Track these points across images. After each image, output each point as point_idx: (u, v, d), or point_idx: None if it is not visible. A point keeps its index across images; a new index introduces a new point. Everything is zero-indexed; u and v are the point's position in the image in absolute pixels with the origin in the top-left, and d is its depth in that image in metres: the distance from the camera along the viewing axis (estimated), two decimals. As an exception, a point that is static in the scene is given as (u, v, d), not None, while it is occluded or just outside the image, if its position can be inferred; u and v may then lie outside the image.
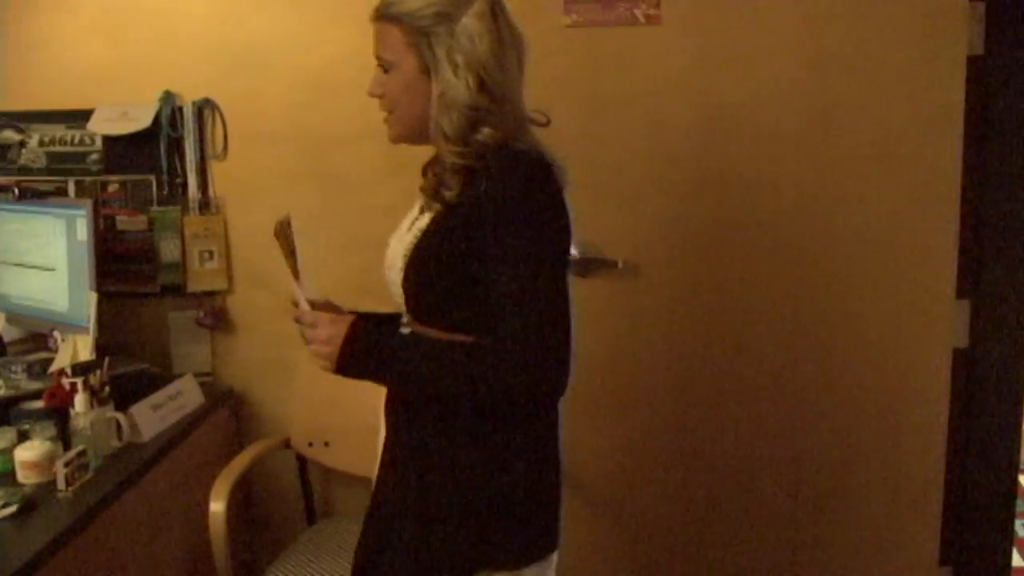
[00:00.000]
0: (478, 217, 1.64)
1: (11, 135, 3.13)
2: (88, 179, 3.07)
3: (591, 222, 2.80)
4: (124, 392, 2.53)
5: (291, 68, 2.93)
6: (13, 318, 3.01)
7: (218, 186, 3.03)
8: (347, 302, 2.95)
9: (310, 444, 2.98)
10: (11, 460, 2.23)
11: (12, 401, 2.50)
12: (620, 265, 2.82)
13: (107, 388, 2.42)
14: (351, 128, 2.93)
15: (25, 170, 3.13)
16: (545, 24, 2.77)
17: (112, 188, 3.06)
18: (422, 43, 1.69)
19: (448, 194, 1.70)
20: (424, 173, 1.85)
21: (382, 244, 2.96)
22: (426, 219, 1.77)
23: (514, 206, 1.62)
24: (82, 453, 2.24)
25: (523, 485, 1.73)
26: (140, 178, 3.02)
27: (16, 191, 2.94)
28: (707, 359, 2.88)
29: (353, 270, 2.95)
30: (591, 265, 2.83)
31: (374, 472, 1.93)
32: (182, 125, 3.01)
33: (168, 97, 2.99)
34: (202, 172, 3.02)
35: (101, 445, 2.35)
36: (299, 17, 2.95)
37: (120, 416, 2.41)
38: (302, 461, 3.02)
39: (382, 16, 1.75)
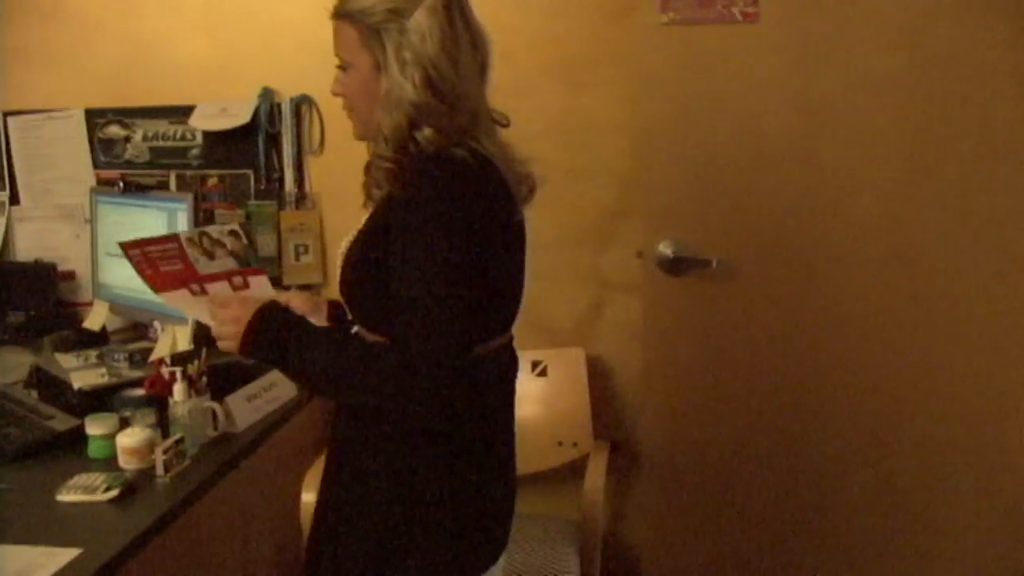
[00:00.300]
0: (390, 219, 1.63)
1: (117, 131, 3.22)
2: (189, 173, 3.15)
3: (685, 221, 2.79)
4: (220, 382, 2.58)
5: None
6: (116, 308, 3.09)
7: (314, 181, 3.08)
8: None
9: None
10: (113, 446, 2.30)
11: (114, 388, 2.57)
12: (714, 265, 2.78)
13: (204, 378, 2.47)
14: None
15: (129, 164, 3.22)
16: (639, 22, 2.76)
17: (211, 182, 3.13)
18: (374, 41, 1.67)
19: (377, 193, 1.70)
20: (366, 170, 1.80)
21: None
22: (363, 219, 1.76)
23: (417, 209, 1.59)
24: (180, 441, 2.29)
25: (437, 503, 1.70)
26: (238, 173, 3.09)
27: (121, 184, 3.03)
28: (800, 361, 2.84)
29: (446, 266, 2.99)
30: (684, 264, 2.80)
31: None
32: (280, 121, 3.07)
33: (267, 94, 3.05)
34: (298, 167, 3.08)
35: (198, 433, 2.39)
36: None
37: (216, 406, 2.46)
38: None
39: (338, 15, 1.74)
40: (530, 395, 3.01)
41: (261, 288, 1.90)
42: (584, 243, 3.00)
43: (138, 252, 2.03)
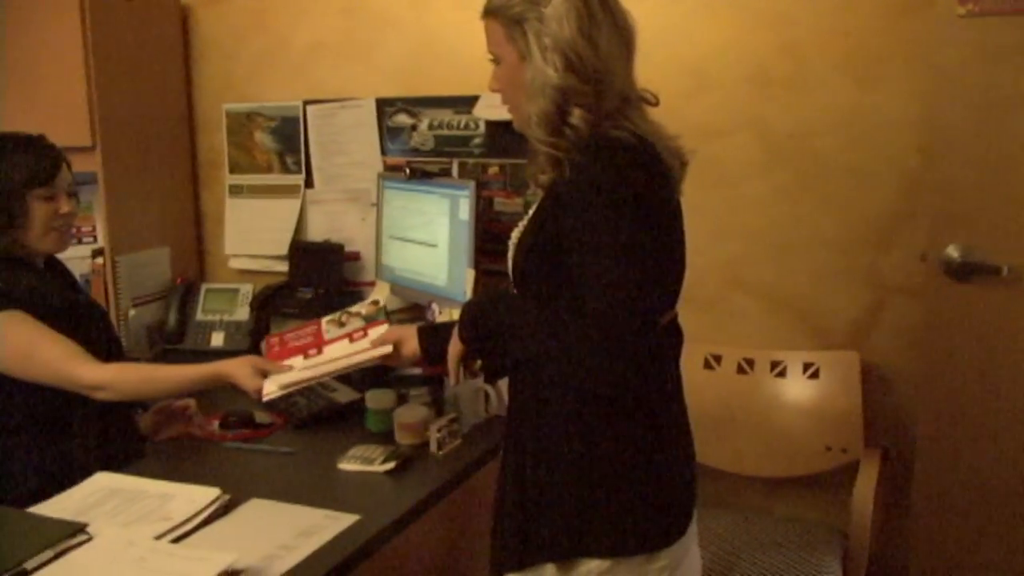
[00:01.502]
0: (562, 204, 1.66)
1: (404, 119, 3.35)
2: (471, 162, 3.24)
3: (975, 225, 2.62)
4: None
5: (668, 58, 2.94)
6: (396, 289, 3.21)
7: (590, 174, 3.10)
8: (714, 294, 2.98)
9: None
10: (391, 420, 2.39)
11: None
12: (1005, 272, 2.60)
13: (478, 361, 2.53)
14: (727, 119, 2.91)
15: (415, 151, 3.35)
16: (935, 14, 2.62)
17: (492, 171, 3.20)
18: (517, 32, 1.73)
19: (542, 178, 1.73)
20: (529, 158, 1.82)
21: (751, 237, 2.95)
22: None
23: (590, 191, 1.63)
24: (454, 420, 2.36)
25: (621, 478, 1.71)
26: (519, 162, 3.14)
27: (407, 171, 3.15)
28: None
29: (720, 262, 2.95)
30: (972, 270, 2.64)
31: (724, 461, 1.91)
32: (559, 114, 3.10)
33: (547, 88, 3.09)
34: (575, 162, 3.10)
35: (470, 414, 2.46)
36: (676, 6, 2.96)
37: (489, 388, 2.52)
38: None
39: (486, 13, 1.79)
40: (800, 397, 2.93)
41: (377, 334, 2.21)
42: (864, 243, 2.88)
43: (276, 340, 2.34)
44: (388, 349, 2.12)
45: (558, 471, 1.74)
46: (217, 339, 3.50)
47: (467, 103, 3.22)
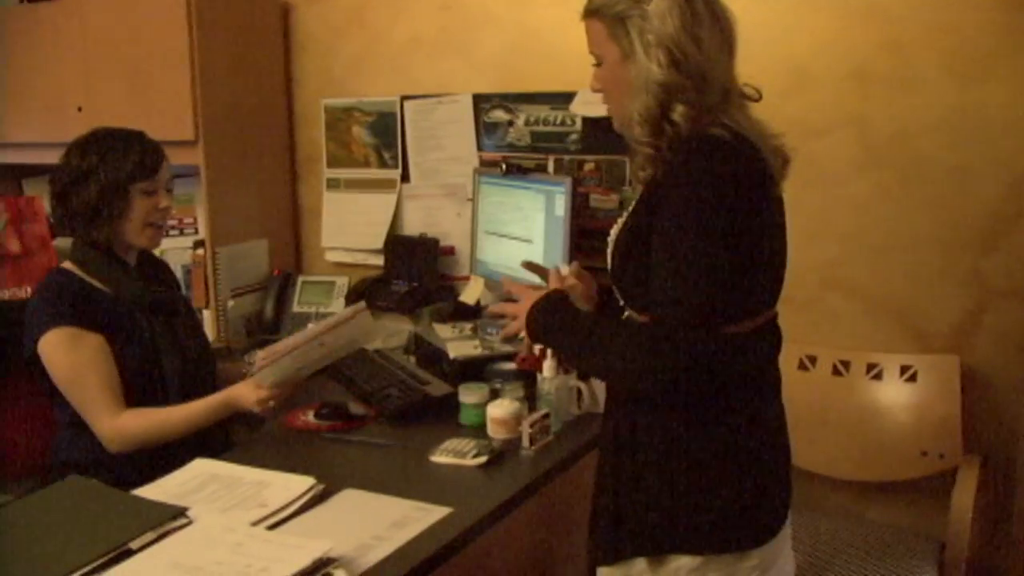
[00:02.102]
0: (654, 203, 1.68)
1: (501, 115, 3.37)
2: (567, 158, 3.24)
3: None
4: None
5: (766, 54, 2.90)
6: (490, 284, 3.23)
7: (688, 170, 3.07)
8: (811, 294, 2.93)
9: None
10: (483, 415, 2.40)
11: (487, 360, 2.69)
12: None
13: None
14: (828, 117, 2.87)
15: (511, 147, 3.36)
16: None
17: (588, 167, 3.20)
18: (620, 30, 1.74)
19: (642, 175, 1.74)
20: (630, 155, 1.84)
21: (849, 237, 2.90)
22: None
23: (679, 188, 1.64)
24: (546, 416, 2.36)
25: (714, 476, 1.72)
26: (615, 159, 3.13)
27: (503, 166, 3.16)
28: None
29: (817, 263, 2.91)
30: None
31: (818, 464, 1.89)
32: (658, 109, 3.08)
33: (646, 83, 3.08)
34: (673, 157, 3.08)
35: (562, 410, 2.46)
36: (777, 2, 2.92)
37: (582, 385, 2.51)
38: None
39: (587, 13, 1.81)
40: (897, 401, 2.88)
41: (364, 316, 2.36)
42: (965, 245, 2.81)
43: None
44: (361, 306, 2.31)
45: (651, 467, 1.75)
46: (312, 330, 3.55)
47: (564, 99, 3.22)
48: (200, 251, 3.56)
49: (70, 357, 2.28)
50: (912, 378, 2.86)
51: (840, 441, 2.91)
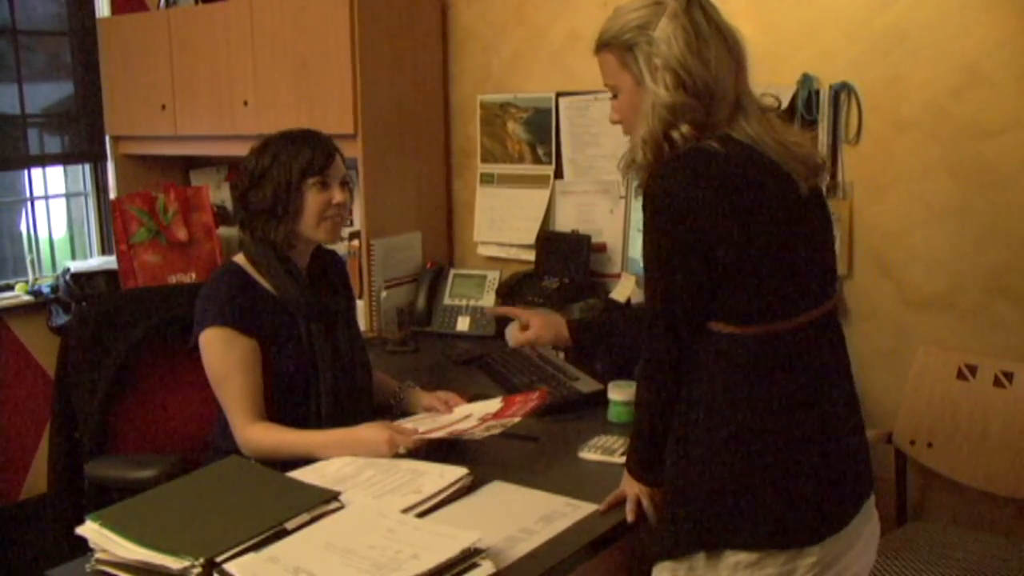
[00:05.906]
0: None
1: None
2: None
3: None
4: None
5: (939, 52, 2.81)
6: (641, 282, 3.21)
7: (848, 171, 3.00)
8: (975, 301, 2.83)
9: (912, 442, 2.89)
10: (632, 413, 2.38)
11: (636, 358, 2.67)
12: None
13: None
14: (1001, 117, 2.75)
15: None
16: None
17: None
18: (630, 59, 1.80)
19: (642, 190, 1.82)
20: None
21: (1020, 243, 2.78)
22: None
23: (644, 208, 1.76)
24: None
25: (769, 472, 1.73)
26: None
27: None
28: None
29: (985, 269, 2.80)
30: None
31: (977, 478, 1.85)
32: (817, 108, 3.02)
33: (806, 80, 3.02)
34: (833, 156, 3.01)
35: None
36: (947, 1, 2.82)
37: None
38: (902, 458, 2.92)
39: (598, 48, 1.87)
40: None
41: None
42: None
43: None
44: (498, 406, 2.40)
45: (708, 463, 1.76)
46: (463, 324, 3.60)
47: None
48: (355, 242, 3.64)
49: (221, 358, 2.34)
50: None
51: (1001, 455, 2.78)
